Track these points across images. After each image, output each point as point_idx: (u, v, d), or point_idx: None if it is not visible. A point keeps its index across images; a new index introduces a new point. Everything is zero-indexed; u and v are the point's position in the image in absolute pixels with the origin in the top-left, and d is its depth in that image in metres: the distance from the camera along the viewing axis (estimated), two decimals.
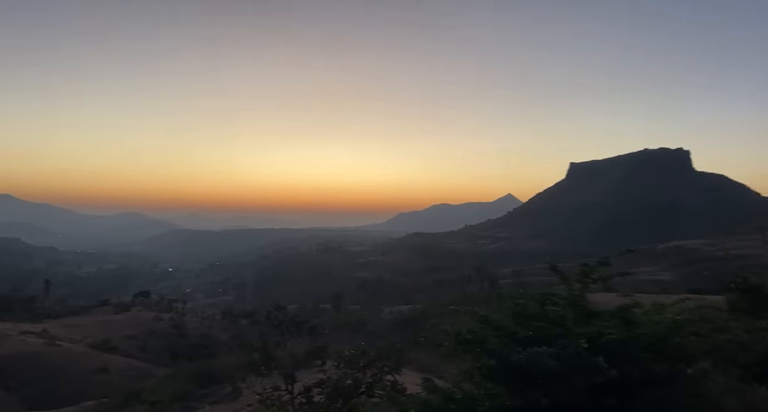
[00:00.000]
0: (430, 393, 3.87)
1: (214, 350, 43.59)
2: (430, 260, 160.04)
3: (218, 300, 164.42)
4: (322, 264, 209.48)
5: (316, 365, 5.93)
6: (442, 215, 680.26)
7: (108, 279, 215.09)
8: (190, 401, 17.28)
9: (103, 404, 17.10)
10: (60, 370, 31.38)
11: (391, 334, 38.29)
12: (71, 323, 52.34)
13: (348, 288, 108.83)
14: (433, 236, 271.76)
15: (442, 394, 3.76)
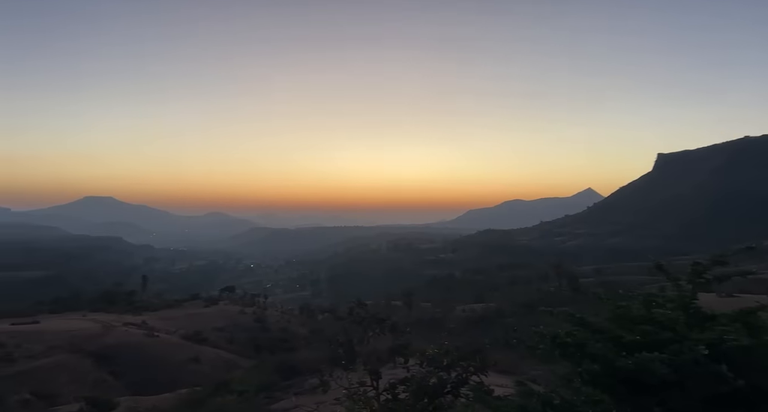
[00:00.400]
0: (526, 397, 3.68)
1: (294, 343, 45.48)
2: (503, 258, 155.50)
3: (296, 295, 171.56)
4: (392, 261, 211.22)
5: (399, 362, 5.88)
6: (515, 212, 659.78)
7: (198, 274, 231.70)
8: (274, 392, 18.15)
9: (196, 392, 18.39)
10: (158, 359, 34.21)
11: (465, 332, 37.69)
12: (167, 316, 56.75)
13: (418, 285, 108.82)
14: (506, 233, 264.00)
15: (539, 399, 3.56)
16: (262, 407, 15.70)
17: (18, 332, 37.48)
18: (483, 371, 5.51)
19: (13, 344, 32.90)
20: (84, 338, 37.12)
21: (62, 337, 36.92)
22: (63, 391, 24.89)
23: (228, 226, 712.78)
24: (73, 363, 30.68)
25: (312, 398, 15.45)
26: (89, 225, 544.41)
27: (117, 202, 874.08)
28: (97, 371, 30.47)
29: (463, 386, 5.41)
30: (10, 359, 29.94)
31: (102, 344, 35.62)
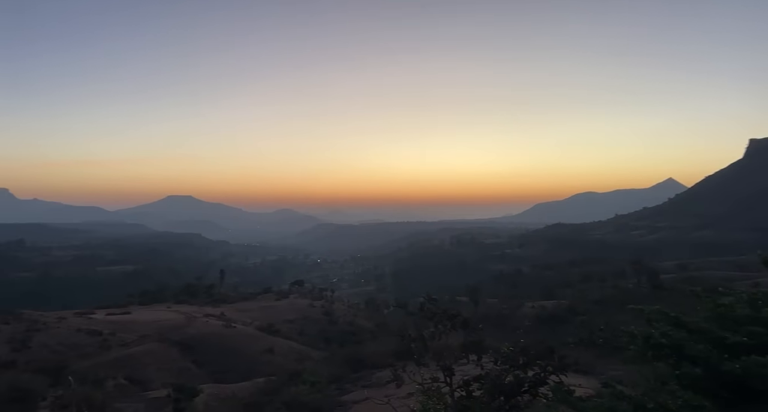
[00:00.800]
0: (615, 400, 3.46)
1: (361, 336, 46.29)
2: (574, 253, 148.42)
3: (360, 290, 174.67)
4: (456, 256, 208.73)
5: (472, 359, 5.75)
6: (587, 204, 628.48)
7: (269, 269, 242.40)
8: (344, 384, 18.55)
9: (271, 381, 19.20)
10: (235, 349, 36.16)
11: (535, 330, 36.47)
12: (242, 308, 59.86)
13: (484, 281, 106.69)
14: (577, 227, 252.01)
15: (631, 402, 3.33)
16: (334, 398, 16.09)
17: (113, 322, 41.23)
18: (563, 370, 5.27)
19: (109, 332, 36.21)
20: (169, 328, 40.06)
21: (151, 327, 40.10)
22: (152, 377, 27.03)
23: (295, 222, 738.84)
24: (161, 351, 33.19)
25: (381, 391, 15.62)
26: (171, 222, 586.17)
27: (196, 200, 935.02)
28: (182, 360, 32.75)
29: (542, 386, 5.20)
30: (106, 347, 33.02)
31: (185, 334, 38.21)
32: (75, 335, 34.16)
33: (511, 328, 38.87)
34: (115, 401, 18.20)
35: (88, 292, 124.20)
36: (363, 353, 23.41)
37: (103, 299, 73.39)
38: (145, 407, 18.23)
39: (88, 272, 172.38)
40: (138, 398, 20.27)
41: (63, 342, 32.15)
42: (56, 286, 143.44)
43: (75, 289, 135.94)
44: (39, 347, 30.22)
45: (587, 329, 28.52)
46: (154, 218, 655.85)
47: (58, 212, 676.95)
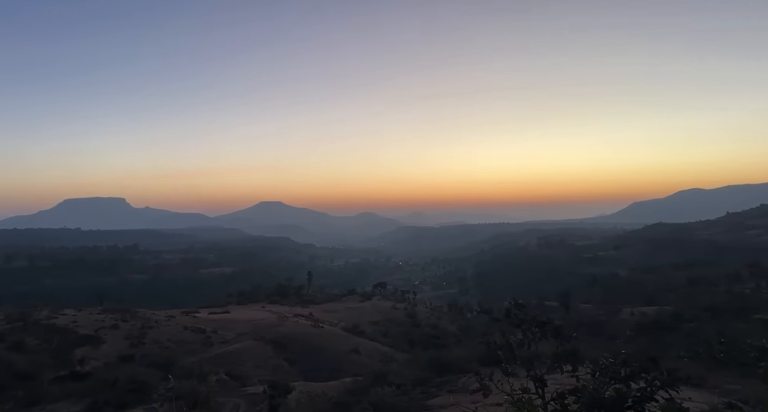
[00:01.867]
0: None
1: (445, 340, 45.85)
2: (678, 255, 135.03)
3: (443, 293, 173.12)
4: (543, 259, 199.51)
5: (566, 370, 5.38)
6: (692, 202, 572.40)
7: (353, 271, 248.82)
8: (429, 387, 18.42)
9: (358, 381, 19.59)
10: (324, 348, 37.39)
11: (636, 339, 33.68)
12: (329, 309, 61.87)
13: (575, 285, 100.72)
14: (681, 227, 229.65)
15: None
16: (419, 401, 16.02)
17: (214, 321, 44.59)
18: (673, 385, 4.76)
19: (211, 330, 39.20)
20: (264, 326, 42.48)
21: (247, 325, 42.80)
22: (249, 373, 28.76)
23: (377, 225, 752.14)
24: (257, 349, 35.26)
25: (467, 397, 15.29)
26: (263, 227, 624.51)
27: (285, 206, 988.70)
28: (275, 357, 34.51)
29: (648, 402, 4.73)
30: (209, 343, 35.77)
31: (278, 332, 40.26)
32: (182, 333, 37.42)
33: (608, 336, 36.32)
34: (217, 396, 19.61)
35: (192, 292, 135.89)
36: (447, 358, 23.12)
37: (205, 299, 79.86)
38: (244, 402, 19.41)
39: (192, 273, 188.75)
40: (237, 393, 21.65)
41: (172, 339, 35.34)
42: (165, 286, 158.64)
43: (181, 289, 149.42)
44: (151, 343, 33.48)
45: (697, 339, 25.77)
46: (247, 222, 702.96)
47: (166, 219, 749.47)
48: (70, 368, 24.78)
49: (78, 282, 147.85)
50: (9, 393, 20.19)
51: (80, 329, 33.75)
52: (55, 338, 29.85)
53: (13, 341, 27.58)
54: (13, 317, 33.28)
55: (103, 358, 28.32)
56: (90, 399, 18.03)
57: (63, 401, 18.89)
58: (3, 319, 33.07)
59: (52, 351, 27.05)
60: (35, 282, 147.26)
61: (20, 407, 19.02)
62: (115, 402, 17.51)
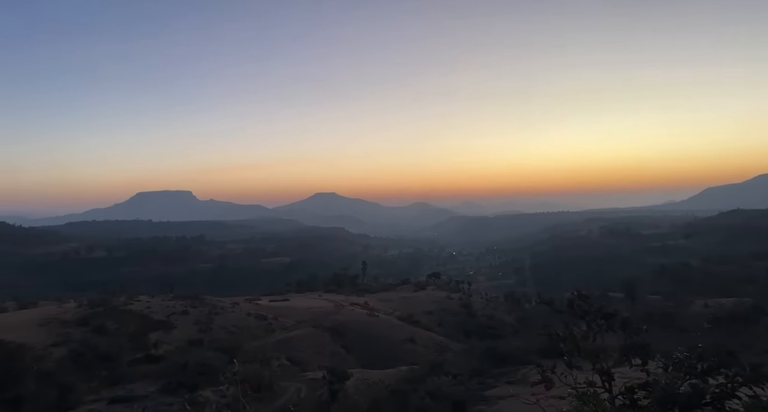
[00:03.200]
0: None
1: (501, 331, 45.11)
2: (758, 244, 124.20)
3: (498, 283, 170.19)
4: (607, 248, 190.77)
5: (635, 364, 5.10)
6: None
7: (406, 261, 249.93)
8: (486, 378, 18.22)
9: (414, 370, 19.74)
10: (379, 337, 37.94)
11: (711, 332, 31.53)
12: (383, 298, 62.59)
13: (642, 276, 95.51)
14: (761, 213, 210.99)
15: None
16: (477, 392, 15.89)
17: (275, 308, 46.41)
18: (759, 381, 4.38)
19: (272, 317, 40.84)
20: (321, 314, 43.70)
21: (306, 313, 44.22)
22: (309, 359, 29.74)
23: (430, 215, 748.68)
24: (315, 336, 36.37)
25: (526, 389, 14.96)
26: (318, 218, 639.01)
27: (338, 197, 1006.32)
28: (333, 344, 35.45)
29: (729, 399, 4.39)
30: (270, 330, 37.29)
31: (335, 320, 41.29)
32: (246, 319, 39.25)
33: (679, 329, 34.27)
34: (279, 380, 20.43)
35: (254, 280, 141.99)
36: (505, 349, 22.73)
37: (266, 287, 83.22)
38: (305, 387, 20.10)
39: (253, 263, 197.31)
40: (298, 378, 22.45)
41: (237, 325, 37.17)
42: (229, 275, 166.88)
43: (244, 278, 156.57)
44: (218, 328, 35.38)
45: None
46: (304, 213, 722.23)
47: (229, 211, 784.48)
48: (145, 351, 26.72)
49: (151, 271, 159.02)
50: (94, 373, 22.07)
51: (154, 314, 36.21)
52: (132, 322, 32.20)
53: (96, 325, 30.04)
54: (94, 303, 36.23)
55: (175, 342, 30.26)
56: (164, 380, 19.34)
57: (140, 382, 20.40)
58: (86, 305, 36.09)
59: (129, 335, 29.23)
60: (113, 271, 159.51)
61: (104, 386, 20.76)
62: (187, 384, 18.67)
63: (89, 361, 23.36)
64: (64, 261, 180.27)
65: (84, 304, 36.52)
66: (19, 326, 29.04)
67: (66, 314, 32.96)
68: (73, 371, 21.52)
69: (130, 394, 19.10)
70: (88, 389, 19.92)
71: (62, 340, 27.23)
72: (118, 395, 18.93)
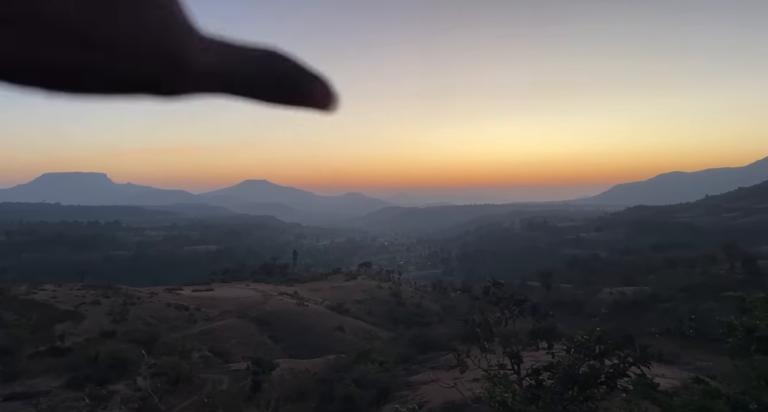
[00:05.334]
0: (708, 398, 3.09)
1: (428, 319, 46.52)
2: (658, 237, 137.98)
3: (427, 273, 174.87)
4: (526, 240, 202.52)
5: (542, 347, 5.46)
6: (672, 185, 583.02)
7: (338, 250, 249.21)
8: (411, 365, 18.76)
9: (342, 358, 19.86)
10: (308, 326, 37.72)
11: (613, 317, 34.59)
12: (314, 288, 62.19)
13: (557, 266, 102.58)
14: (662, 209, 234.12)
15: (729, 401, 2.95)
16: (401, 378, 16.28)
17: (198, 298, 44.48)
18: (645, 361, 4.85)
19: (195, 308, 39.12)
20: (248, 305, 42.55)
21: (231, 303, 42.82)
22: (233, 350, 28.92)
23: (363, 205, 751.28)
24: (241, 326, 35.40)
25: (449, 374, 15.58)
26: (248, 205, 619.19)
27: (270, 184, 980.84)
28: (259, 335, 34.72)
29: (620, 378, 4.83)
30: (192, 320, 35.73)
31: (262, 310, 40.40)
32: (165, 309, 37.29)
33: (587, 315, 37.24)
34: (200, 372, 19.68)
35: (176, 269, 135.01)
36: (430, 336, 23.53)
37: (189, 277, 79.45)
38: (228, 379, 19.53)
39: (176, 251, 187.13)
40: (220, 369, 21.76)
41: (155, 315, 35.22)
42: (148, 263, 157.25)
43: (165, 267, 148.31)
44: (134, 319, 33.34)
45: (673, 318, 26.57)
46: (232, 200, 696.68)
47: (149, 195, 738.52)
48: (49, 344, 24.62)
49: (58, 258, 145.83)
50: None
51: (60, 304, 33.40)
52: (34, 313, 29.49)
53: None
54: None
55: (84, 334, 28.15)
56: (70, 375, 17.97)
57: (43, 377, 18.79)
58: None
59: (31, 327, 26.77)
60: (13, 257, 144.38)
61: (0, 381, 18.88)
62: (95, 378, 17.47)
63: None
64: None
65: None
66: None
67: None
68: None
69: (29, 389, 17.56)
70: None
71: None
72: (14, 391, 17.34)
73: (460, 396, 9.21)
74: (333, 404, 14.23)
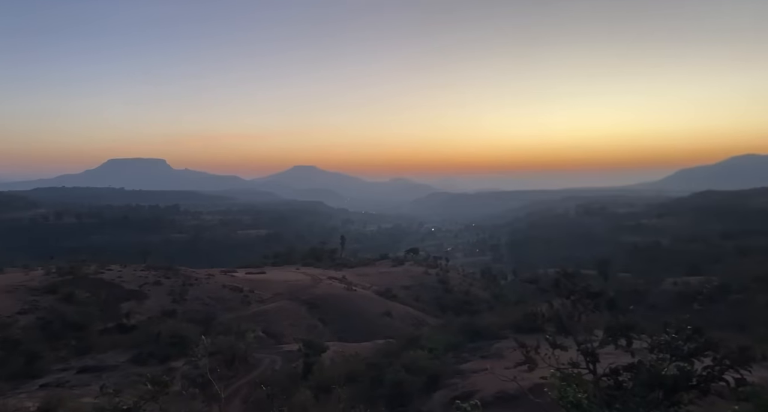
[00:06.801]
0: None
1: (477, 306, 45.81)
2: (728, 224, 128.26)
3: (475, 259, 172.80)
4: (582, 227, 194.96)
5: (620, 344, 4.89)
6: (745, 169, 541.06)
7: (385, 236, 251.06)
8: (461, 353, 18.37)
9: (390, 343, 19.77)
10: (356, 310, 38.08)
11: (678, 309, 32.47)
12: (361, 273, 62.76)
13: (615, 254, 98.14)
14: (733, 194, 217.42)
15: None
16: (451, 365, 15.98)
17: (251, 280, 45.98)
18: (745, 364, 4.21)
19: (248, 289, 40.45)
20: (298, 288, 43.53)
21: (282, 286, 43.96)
22: (285, 332, 29.65)
23: (410, 191, 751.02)
24: (292, 309, 36.25)
25: (500, 362, 15.12)
26: (297, 191, 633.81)
27: (318, 170, 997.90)
28: (310, 317, 35.43)
29: (716, 382, 4.22)
30: (246, 302, 36.97)
31: (312, 294, 41.20)
32: (221, 291, 38.79)
33: (648, 306, 35.23)
34: (254, 352, 20.22)
35: (229, 252, 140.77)
36: (480, 324, 22.98)
37: (242, 260, 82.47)
38: (281, 359, 19.96)
39: (229, 234, 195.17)
40: (274, 350, 22.31)
41: (211, 296, 36.71)
42: (204, 246, 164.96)
43: (219, 249, 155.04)
44: (192, 299, 34.88)
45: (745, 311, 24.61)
46: (282, 186, 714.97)
47: (205, 181, 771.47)
48: (117, 321, 26.17)
49: (123, 239, 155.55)
50: (63, 341, 21.52)
51: (126, 284, 35.44)
52: (103, 291, 31.43)
53: (65, 293, 29.22)
54: (63, 270, 35.18)
55: (147, 312, 29.73)
56: (135, 351, 18.96)
57: (111, 351, 19.98)
58: (54, 272, 35.03)
59: (100, 304, 28.55)
60: (83, 238, 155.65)
61: (73, 355, 20.25)
62: (158, 354, 18.33)
63: (57, 329, 22.79)
64: (32, 227, 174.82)
65: (52, 271, 35.45)
66: None
67: (33, 282, 31.98)
68: (40, 339, 20.95)
69: (99, 363, 18.70)
70: (56, 357, 19.45)
71: (29, 308, 26.47)
72: (87, 364, 18.52)
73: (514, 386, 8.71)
74: (383, 388, 14.15)
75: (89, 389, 14.74)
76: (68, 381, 16.11)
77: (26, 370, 16.87)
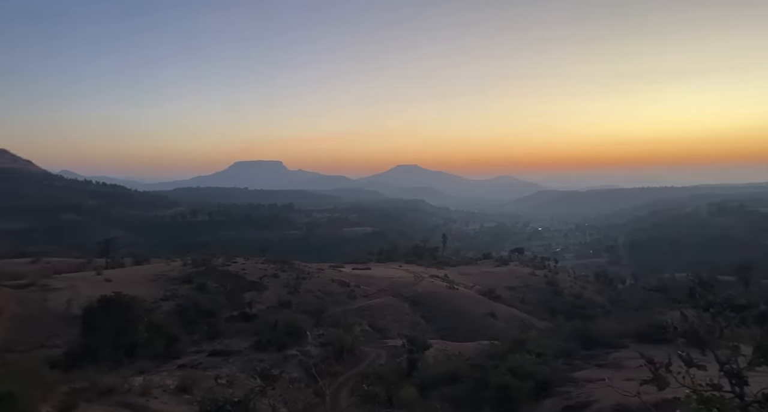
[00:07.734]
0: None
1: (591, 311, 42.79)
2: None
3: (588, 262, 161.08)
4: (715, 228, 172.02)
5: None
6: None
7: (488, 235, 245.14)
8: (573, 360, 17.26)
9: (495, 345, 19.26)
10: (459, 309, 37.73)
11: None
12: (463, 272, 62.04)
13: (758, 259, 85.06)
14: None
15: None
16: (563, 373, 15.12)
17: (357, 276, 47.84)
18: None
19: (354, 284, 42.15)
20: (401, 284, 44.33)
21: (386, 282, 45.10)
22: (389, 327, 30.39)
23: (515, 189, 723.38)
24: (396, 305, 37.05)
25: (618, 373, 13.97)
26: (400, 189, 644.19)
27: (420, 169, 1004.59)
28: (412, 314, 35.91)
29: None
30: (353, 296, 38.57)
31: (414, 291, 41.71)
32: (330, 285, 40.97)
33: None
34: (361, 345, 21.03)
35: (337, 248, 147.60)
36: (596, 330, 21.41)
37: (348, 255, 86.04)
38: (386, 354, 20.50)
39: (337, 231, 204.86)
40: (378, 344, 22.99)
41: (322, 289, 38.94)
42: (315, 242, 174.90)
43: (328, 245, 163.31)
44: (305, 292, 37.30)
45: None
46: (385, 185, 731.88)
47: (316, 181, 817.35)
48: (241, 310, 28.87)
49: (246, 235, 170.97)
50: (196, 326, 24.29)
51: (248, 275, 38.99)
52: (229, 282, 34.91)
53: (199, 282, 32.98)
54: (197, 262, 39.73)
55: (266, 302, 32.40)
56: (256, 338, 20.73)
57: (236, 337, 22.06)
58: (190, 263, 39.70)
59: (226, 293, 31.74)
60: (213, 234, 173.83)
61: (205, 339, 22.77)
62: (276, 342, 19.85)
63: (192, 315, 25.76)
64: (173, 223, 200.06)
65: (188, 263, 40.24)
66: (133, 281, 32.73)
67: (173, 272, 36.54)
68: (178, 323, 23.86)
69: (227, 348, 20.75)
70: (190, 340, 21.98)
71: (170, 295, 30.27)
72: (216, 348, 20.65)
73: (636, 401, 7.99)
74: (488, 391, 13.83)
75: (219, 371, 16.46)
76: (201, 363, 18.06)
77: (167, 351, 19.25)
